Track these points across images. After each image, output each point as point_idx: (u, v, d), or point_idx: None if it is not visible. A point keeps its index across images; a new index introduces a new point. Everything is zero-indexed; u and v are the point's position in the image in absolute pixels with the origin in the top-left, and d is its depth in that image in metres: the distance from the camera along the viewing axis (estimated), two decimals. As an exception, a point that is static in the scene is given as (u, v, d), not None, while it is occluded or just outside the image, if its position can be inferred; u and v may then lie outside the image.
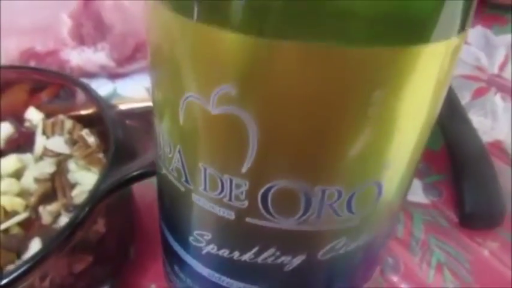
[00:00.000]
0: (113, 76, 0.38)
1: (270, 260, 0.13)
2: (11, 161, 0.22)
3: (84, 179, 0.22)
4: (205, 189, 0.13)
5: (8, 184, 0.20)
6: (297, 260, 0.13)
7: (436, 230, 0.27)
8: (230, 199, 0.12)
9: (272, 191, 0.12)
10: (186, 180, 0.13)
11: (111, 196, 0.18)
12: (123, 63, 0.37)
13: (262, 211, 0.12)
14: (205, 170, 0.12)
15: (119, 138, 0.20)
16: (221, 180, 0.12)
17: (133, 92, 0.35)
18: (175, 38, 0.11)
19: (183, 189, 0.14)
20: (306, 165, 0.11)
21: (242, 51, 0.10)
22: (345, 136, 0.11)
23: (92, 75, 0.37)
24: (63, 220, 0.20)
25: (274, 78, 0.10)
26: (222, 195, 0.13)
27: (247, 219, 0.13)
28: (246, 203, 0.12)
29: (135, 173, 0.18)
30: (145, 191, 0.24)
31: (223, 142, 0.12)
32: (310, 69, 0.10)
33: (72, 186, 0.21)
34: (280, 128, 0.11)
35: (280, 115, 0.10)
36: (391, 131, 0.11)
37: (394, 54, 0.10)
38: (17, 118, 0.26)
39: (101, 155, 0.23)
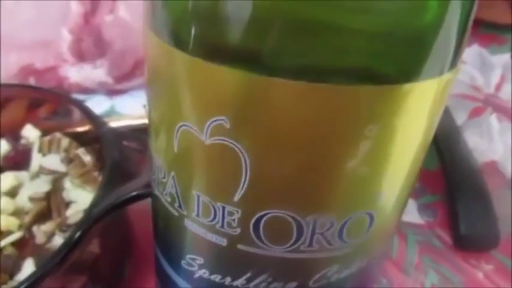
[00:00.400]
0: (111, 93, 0.38)
1: (261, 286, 0.13)
2: (8, 179, 0.22)
3: (79, 198, 0.22)
4: (198, 215, 0.13)
5: (4, 203, 0.20)
6: (289, 287, 0.14)
7: (430, 251, 0.27)
8: (222, 226, 0.13)
9: (264, 219, 0.12)
10: (180, 206, 0.13)
11: (106, 217, 0.18)
12: (122, 80, 0.37)
13: (254, 238, 0.12)
14: (198, 197, 0.12)
15: (115, 159, 0.20)
16: (214, 208, 0.12)
17: (131, 109, 0.35)
18: (171, 69, 0.11)
19: (176, 213, 0.14)
20: (298, 196, 0.11)
21: (237, 85, 0.10)
22: (338, 169, 0.11)
23: (90, 91, 0.37)
24: (57, 240, 0.20)
25: (268, 112, 0.10)
26: (214, 222, 0.13)
27: (239, 246, 0.13)
28: (238, 230, 0.12)
29: (130, 195, 0.18)
30: (141, 208, 0.23)
31: (216, 171, 0.12)
32: (304, 105, 0.10)
33: (67, 204, 0.21)
34: (273, 159, 0.11)
35: (274, 148, 0.11)
36: (384, 163, 0.11)
37: (387, 92, 0.10)
38: (14, 135, 0.26)
39: (96, 174, 0.23)
